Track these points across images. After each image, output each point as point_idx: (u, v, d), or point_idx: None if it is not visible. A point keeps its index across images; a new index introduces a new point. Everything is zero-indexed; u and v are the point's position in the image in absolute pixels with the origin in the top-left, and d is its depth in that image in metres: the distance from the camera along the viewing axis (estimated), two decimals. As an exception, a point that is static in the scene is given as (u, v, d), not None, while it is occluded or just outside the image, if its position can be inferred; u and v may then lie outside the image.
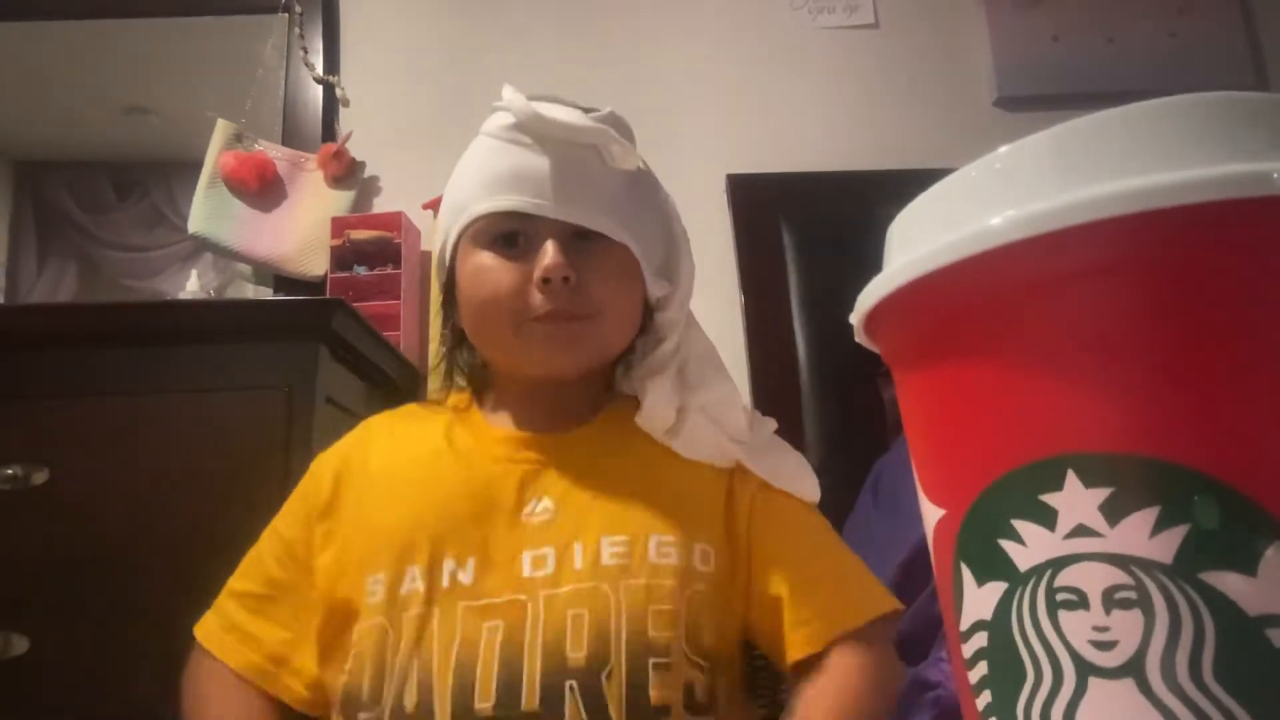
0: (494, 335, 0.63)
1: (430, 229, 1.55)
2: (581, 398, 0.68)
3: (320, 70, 1.71)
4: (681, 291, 0.67)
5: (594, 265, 0.61)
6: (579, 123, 0.60)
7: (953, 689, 0.66)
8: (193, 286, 1.52)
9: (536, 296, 0.59)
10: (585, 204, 0.60)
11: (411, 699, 0.54)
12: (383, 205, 1.66)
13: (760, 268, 1.65)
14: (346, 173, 1.62)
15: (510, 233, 0.61)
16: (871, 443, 1.29)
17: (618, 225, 0.61)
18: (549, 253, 0.58)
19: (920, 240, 0.28)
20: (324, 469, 0.66)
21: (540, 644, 0.54)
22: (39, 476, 0.91)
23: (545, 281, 0.58)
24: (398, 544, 0.59)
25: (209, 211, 1.56)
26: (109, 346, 0.99)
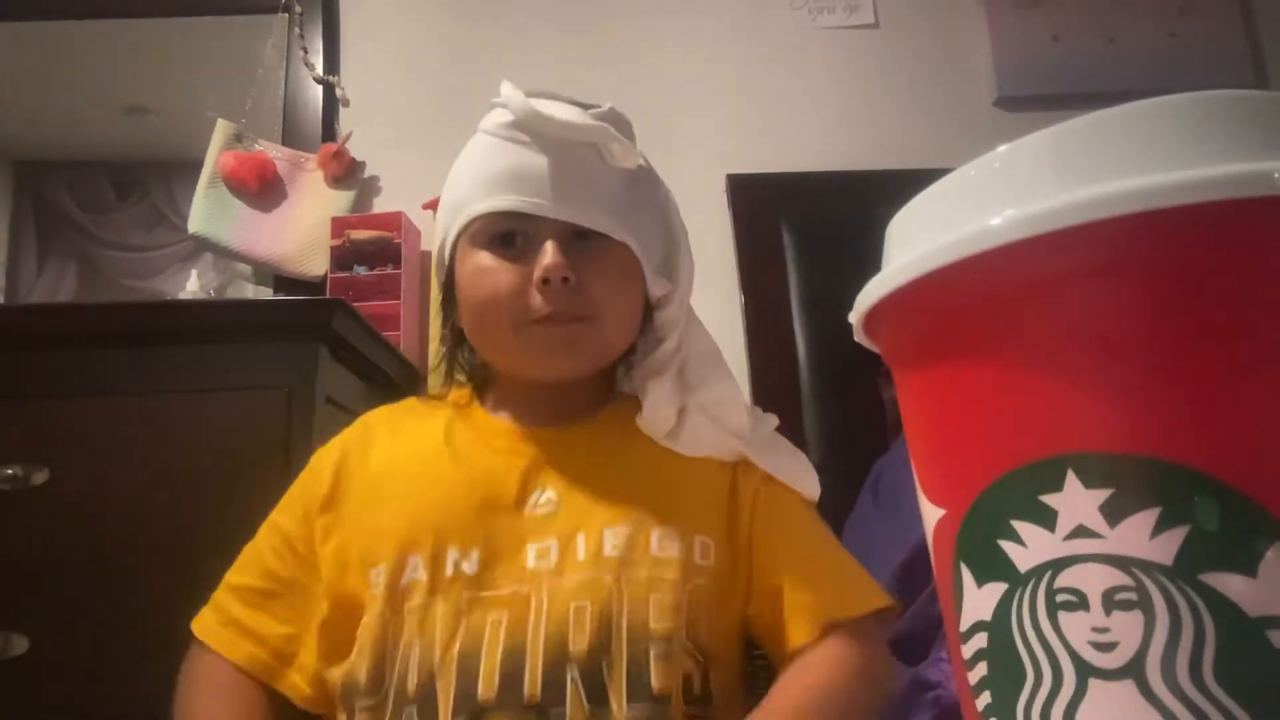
0: (493, 337, 0.63)
1: (430, 229, 1.55)
2: (583, 397, 0.68)
3: (320, 70, 1.71)
4: (681, 290, 0.67)
5: (594, 265, 0.60)
6: (578, 121, 0.59)
7: (953, 689, 0.66)
8: (193, 286, 1.52)
9: (536, 297, 0.59)
10: (585, 203, 0.60)
11: (413, 684, 0.54)
12: (383, 205, 1.66)
13: (760, 268, 1.65)
14: (346, 173, 1.62)
15: (509, 232, 0.61)
16: (871, 443, 1.29)
17: (618, 225, 0.61)
18: (548, 253, 0.58)
19: (919, 240, 0.28)
20: (324, 463, 0.66)
21: (543, 634, 0.54)
22: (39, 476, 0.91)
23: (545, 282, 0.58)
24: (399, 537, 0.59)
25: (209, 211, 1.56)
26: (109, 346, 0.99)
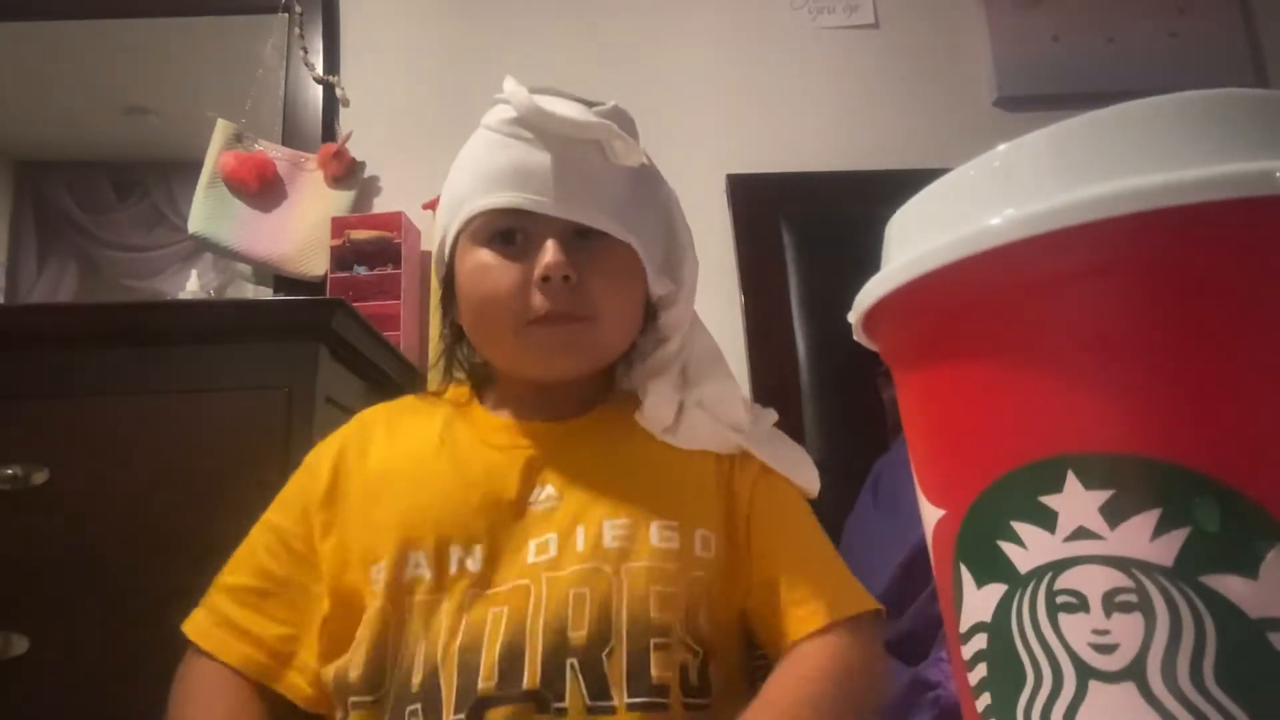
0: (493, 335, 0.62)
1: (430, 229, 1.55)
2: (582, 395, 0.67)
3: (320, 70, 1.71)
4: (686, 290, 0.67)
5: (595, 265, 0.60)
6: (581, 118, 0.59)
7: (953, 689, 0.65)
8: (193, 286, 1.52)
9: (536, 296, 0.59)
10: (586, 202, 0.59)
11: (417, 680, 0.54)
12: (383, 205, 1.66)
13: (760, 268, 1.65)
14: (346, 173, 1.62)
15: (509, 230, 0.60)
16: (871, 443, 1.29)
17: (619, 223, 0.60)
18: (549, 251, 0.58)
19: (918, 239, 0.28)
20: (321, 460, 0.65)
21: (542, 624, 0.54)
22: (39, 476, 0.91)
23: (545, 280, 0.58)
24: (401, 533, 0.58)
25: (209, 211, 1.56)
26: (109, 346, 0.99)
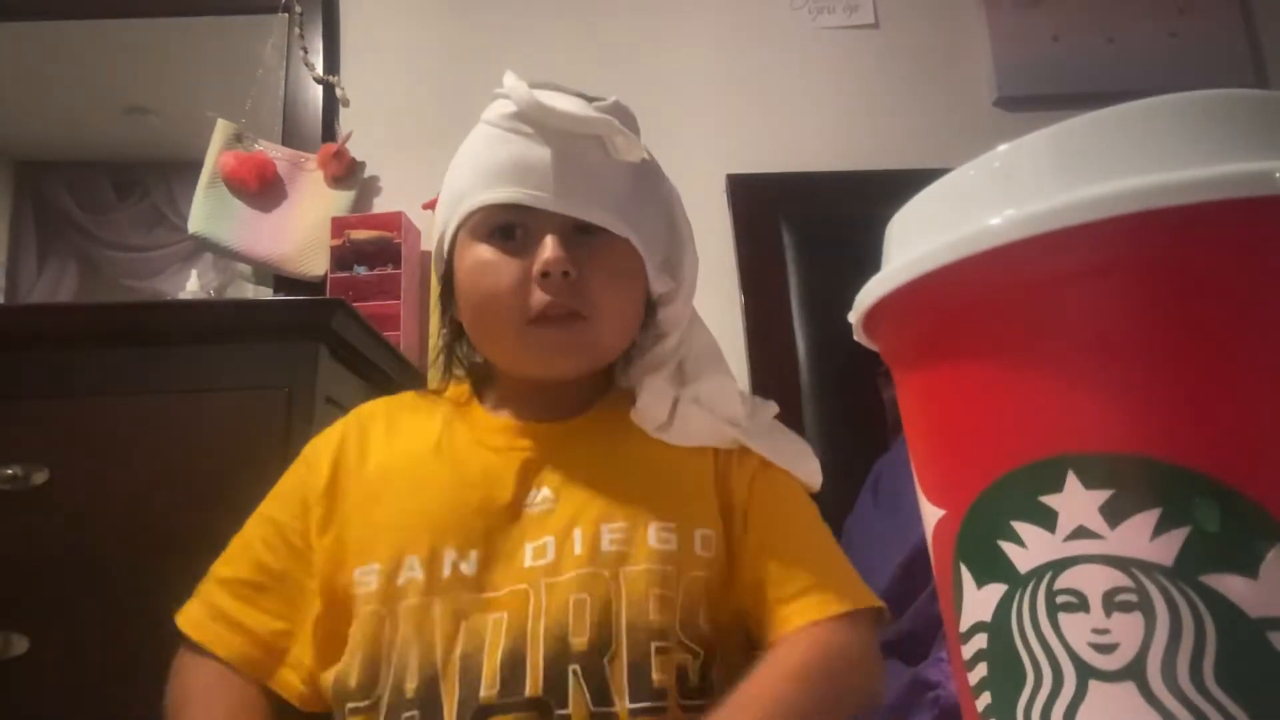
0: (493, 333, 0.62)
1: (430, 229, 1.55)
2: (581, 393, 0.67)
3: (320, 70, 1.71)
4: (686, 287, 0.66)
5: (595, 261, 0.60)
6: (581, 113, 0.58)
7: (953, 689, 0.65)
8: (193, 286, 1.51)
9: (536, 292, 0.58)
10: (587, 197, 0.59)
11: (412, 685, 0.53)
12: (383, 205, 1.66)
13: (760, 268, 1.65)
14: (346, 173, 1.62)
15: (509, 225, 0.60)
16: (871, 443, 1.29)
17: (620, 219, 0.60)
18: (548, 247, 0.57)
19: (919, 240, 0.28)
20: (320, 455, 0.65)
21: (543, 631, 0.54)
22: (39, 476, 0.91)
23: (544, 275, 0.58)
24: (395, 536, 0.58)
25: (209, 211, 1.56)
26: (109, 346, 0.99)
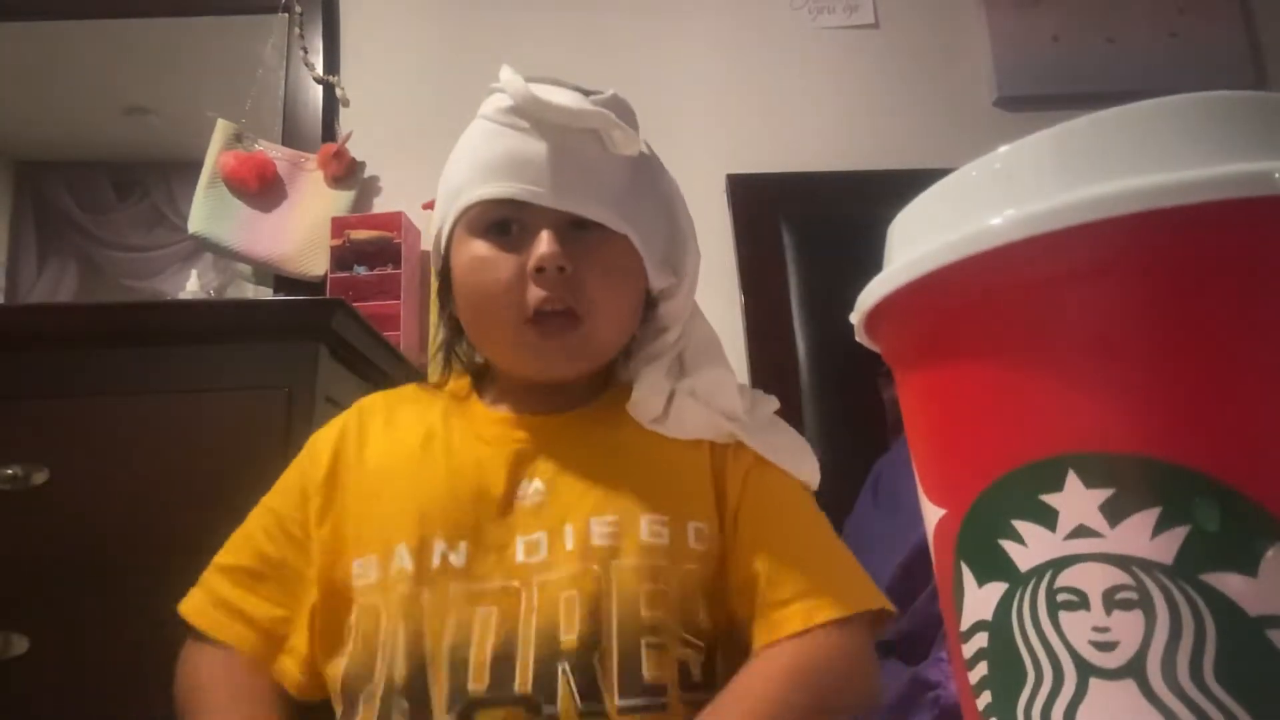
0: (490, 332, 0.62)
1: (430, 229, 1.55)
2: (581, 388, 0.67)
3: (320, 70, 1.71)
4: (687, 283, 0.66)
5: (592, 258, 0.59)
6: (578, 107, 0.58)
7: (953, 689, 0.65)
8: (193, 286, 1.51)
9: (532, 289, 0.58)
10: (583, 193, 0.58)
11: (401, 674, 0.53)
12: (383, 205, 1.66)
13: (760, 268, 1.65)
14: (346, 173, 1.62)
15: (504, 220, 0.59)
16: (871, 443, 1.29)
17: (617, 215, 0.59)
18: (544, 242, 0.57)
19: (920, 240, 0.28)
20: (321, 447, 0.65)
21: (534, 628, 0.53)
22: (39, 476, 0.91)
23: (539, 271, 0.57)
24: (388, 526, 0.58)
25: (209, 211, 1.56)
26: (109, 346, 0.99)
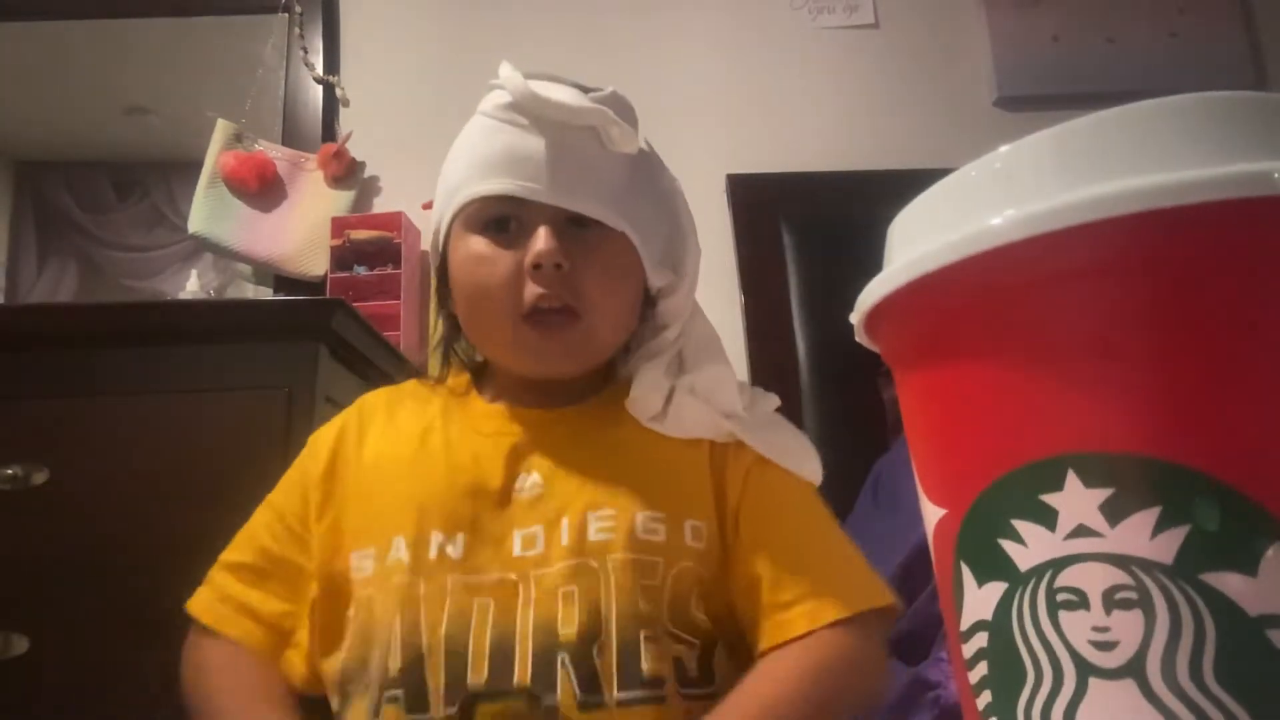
0: (487, 330, 0.62)
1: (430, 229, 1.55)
2: (579, 385, 0.66)
3: (320, 70, 1.71)
4: (688, 281, 0.66)
5: (589, 256, 0.59)
6: (576, 103, 0.58)
7: (953, 689, 0.66)
8: (193, 286, 1.52)
9: (529, 285, 0.58)
10: (581, 189, 0.58)
11: (397, 665, 0.53)
12: (383, 205, 1.66)
13: (760, 268, 1.65)
14: (346, 173, 1.62)
15: (502, 217, 0.59)
16: (871, 443, 1.29)
17: (615, 212, 0.59)
18: (540, 238, 0.57)
19: (920, 240, 0.28)
20: (321, 443, 0.66)
21: (531, 622, 0.53)
22: (39, 476, 0.91)
23: (536, 267, 0.57)
24: (386, 519, 0.58)
25: (209, 211, 1.56)
26: (109, 346, 0.99)
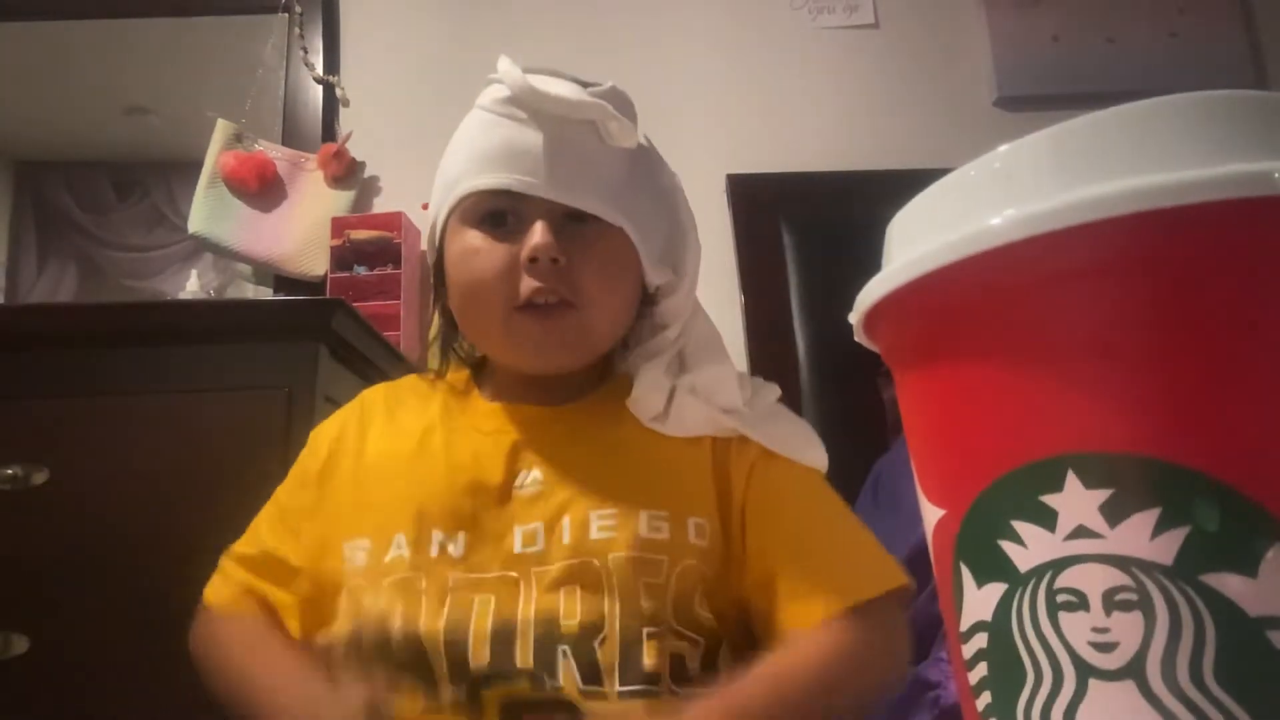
0: (482, 324, 0.62)
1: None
2: (578, 382, 0.66)
3: (320, 70, 1.71)
4: (688, 280, 0.65)
5: (586, 251, 0.59)
6: (575, 97, 0.57)
7: (953, 689, 0.65)
8: (193, 286, 1.52)
9: (525, 279, 0.57)
10: (579, 184, 0.58)
11: (397, 653, 0.53)
12: (383, 205, 1.66)
13: (760, 268, 1.65)
14: (346, 173, 1.62)
15: (499, 211, 0.59)
16: (871, 443, 1.29)
17: (613, 207, 0.59)
18: (537, 232, 0.56)
19: (920, 240, 0.28)
20: (321, 439, 0.66)
21: (533, 615, 0.53)
22: (39, 476, 0.91)
23: (532, 261, 0.57)
24: (385, 515, 0.58)
25: (209, 211, 1.56)
26: (109, 346, 0.99)
